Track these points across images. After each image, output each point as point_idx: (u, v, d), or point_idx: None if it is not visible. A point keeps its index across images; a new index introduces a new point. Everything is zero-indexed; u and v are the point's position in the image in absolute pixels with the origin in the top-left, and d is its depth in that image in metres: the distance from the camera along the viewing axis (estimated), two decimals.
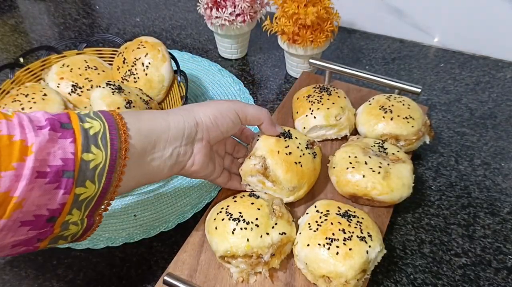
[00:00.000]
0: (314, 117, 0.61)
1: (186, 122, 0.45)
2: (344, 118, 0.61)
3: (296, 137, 0.55)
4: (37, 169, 0.34)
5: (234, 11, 0.77)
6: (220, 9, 0.78)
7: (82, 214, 0.39)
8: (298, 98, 0.65)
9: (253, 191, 0.54)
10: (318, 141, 0.64)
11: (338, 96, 0.63)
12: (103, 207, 0.41)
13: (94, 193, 0.38)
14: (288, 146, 0.53)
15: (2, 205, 0.33)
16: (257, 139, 0.54)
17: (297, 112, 0.64)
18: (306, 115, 0.62)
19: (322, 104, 0.62)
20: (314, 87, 0.65)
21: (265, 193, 0.52)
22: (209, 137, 0.47)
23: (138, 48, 0.69)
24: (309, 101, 0.63)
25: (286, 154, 0.52)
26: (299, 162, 0.52)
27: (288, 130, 0.56)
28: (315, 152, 0.55)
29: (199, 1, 0.80)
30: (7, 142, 0.34)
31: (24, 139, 0.35)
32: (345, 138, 0.63)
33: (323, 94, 0.63)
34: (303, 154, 0.53)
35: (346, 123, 0.62)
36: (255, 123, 0.51)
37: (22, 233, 0.36)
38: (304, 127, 0.62)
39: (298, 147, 0.54)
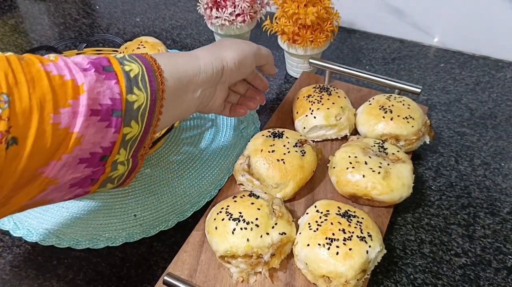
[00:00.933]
0: (314, 117, 0.61)
1: (214, 67, 0.48)
2: (344, 118, 0.61)
3: (287, 137, 0.56)
4: (90, 107, 0.36)
5: (234, 11, 0.77)
6: (220, 9, 0.78)
7: (128, 154, 0.42)
8: (298, 98, 0.65)
9: (246, 190, 0.55)
10: (318, 141, 0.64)
11: (338, 96, 0.63)
12: (144, 147, 0.44)
13: (138, 132, 0.41)
14: (274, 145, 0.55)
15: (64, 140, 0.35)
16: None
17: (297, 112, 0.64)
18: (306, 115, 0.62)
19: (322, 104, 0.62)
20: (314, 87, 0.65)
21: (265, 193, 0.53)
22: (230, 80, 0.52)
23: (138, 48, 0.70)
24: (309, 101, 0.63)
25: (269, 151, 0.54)
26: (282, 159, 0.53)
27: (282, 131, 0.57)
28: (303, 150, 0.55)
29: (199, 1, 0.80)
30: (60, 81, 0.36)
31: (74, 79, 0.36)
32: (345, 138, 0.63)
33: (323, 94, 0.63)
34: (288, 152, 0.54)
35: (346, 123, 0.62)
36: (262, 63, 0.56)
37: (80, 170, 0.38)
38: (304, 128, 0.62)
39: (284, 145, 0.55)
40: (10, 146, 0.33)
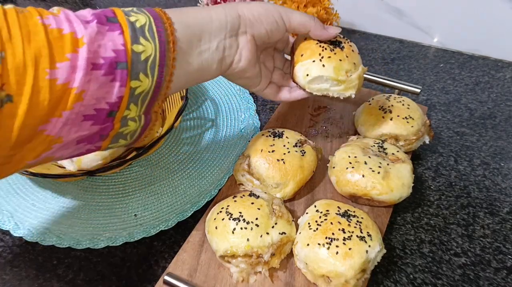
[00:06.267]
0: (323, 65, 0.50)
1: (228, 15, 0.45)
2: (355, 76, 0.51)
3: (287, 137, 0.56)
4: (91, 60, 0.35)
5: None
6: None
7: (139, 110, 0.40)
8: (305, 39, 0.53)
9: (246, 190, 0.55)
10: (317, 95, 0.53)
11: (352, 50, 0.53)
12: (158, 103, 0.42)
13: (148, 87, 0.39)
14: (274, 145, 0.55)
15: (63, 98, 0.34)
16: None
17: (301, 55, 0.52)
18: (314, 61, 0.50)
19: (335, 53, 0.51)
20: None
21: (265, 193, 0.53)
22: (253, 32, 0.47)
23: None
24: (320, 46, 0.51)
25: (269, 151, 0.54)
26: (282, 159, 0.53)
27: (282, 131, 0.57)
28: (303, 150, 0.55)
29: (199, 1, 0.80)
30: (58, 35, 0.34)
31: (74, 32, 0.35)
32: (347, 100, 0.55)
33: (335, 47, 0.52)
34: (288, 152, 0.54)
35: (355, 83, 0.52)
36: (301, 31, 0.50)
37: (86, 128, 0.37)
38: (307, 75, 0.51)
39: (284, 145, 0.55)
40: (5, 104, 0.32)
